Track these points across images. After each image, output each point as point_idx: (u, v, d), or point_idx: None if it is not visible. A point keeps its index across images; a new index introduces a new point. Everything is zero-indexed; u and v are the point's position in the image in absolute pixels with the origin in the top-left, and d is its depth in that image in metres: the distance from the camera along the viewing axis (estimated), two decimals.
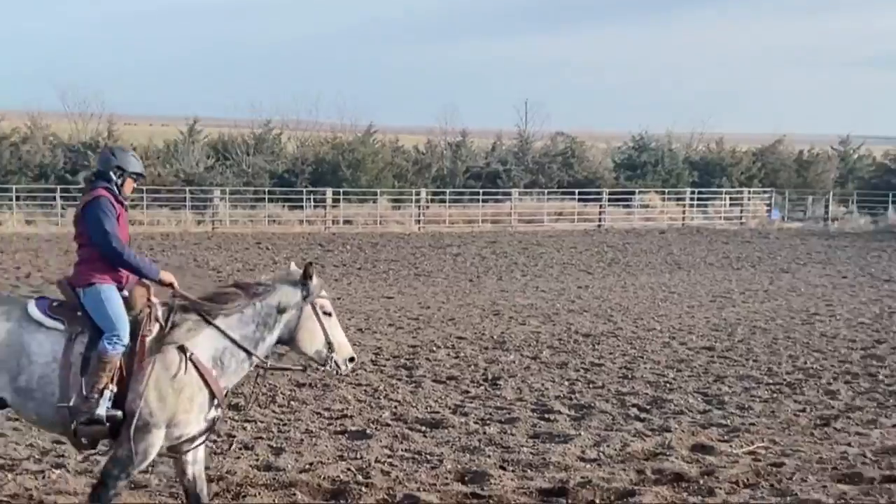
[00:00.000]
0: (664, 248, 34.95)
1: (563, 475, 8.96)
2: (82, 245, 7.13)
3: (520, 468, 9.23)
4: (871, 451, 9.78)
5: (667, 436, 10.36)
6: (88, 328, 6.87)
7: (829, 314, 19.49)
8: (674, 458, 9.51)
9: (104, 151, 7.43)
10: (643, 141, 51.18)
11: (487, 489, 8.55)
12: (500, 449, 9.86)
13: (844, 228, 42.62)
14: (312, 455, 9.52)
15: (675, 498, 8.38)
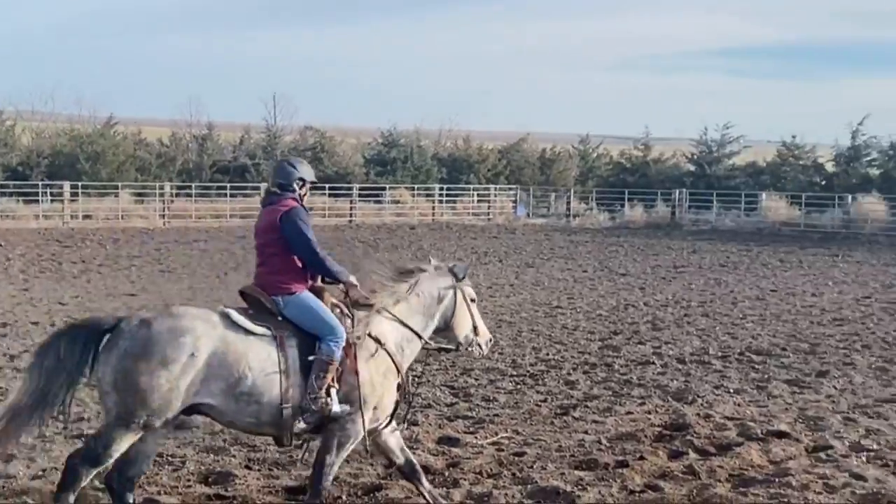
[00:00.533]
0: (415, 243, 35.41)
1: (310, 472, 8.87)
2: (275, 254, 7.49)
3: (266, 467, 9.09)
4: (607, 438, 10.20)
5: (414, 429, 10.44)
6: (294, 333, 7.31)
7: (571, 307, 20.22)
8: (420, 451, 9.60)
9: (283, 164, 7.79)
10: (392, 137, 51.67)
11: (232, 489, 8.38)
12: (245, 448, 9.67)
13: (585, 224, 44.40)
14: (46, 461, 9.05)
15: (422, 490, 8.45)
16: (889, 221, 40.62)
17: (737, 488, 8.56)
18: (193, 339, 6.92)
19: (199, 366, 6.92)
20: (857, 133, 45.91)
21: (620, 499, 8.30)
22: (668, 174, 49.68)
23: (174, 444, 9.72)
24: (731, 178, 48.31)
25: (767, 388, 12.76)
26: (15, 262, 26.64)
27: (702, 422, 10.89)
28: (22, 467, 8.80)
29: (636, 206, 45.83)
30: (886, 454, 9.68)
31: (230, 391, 7.03)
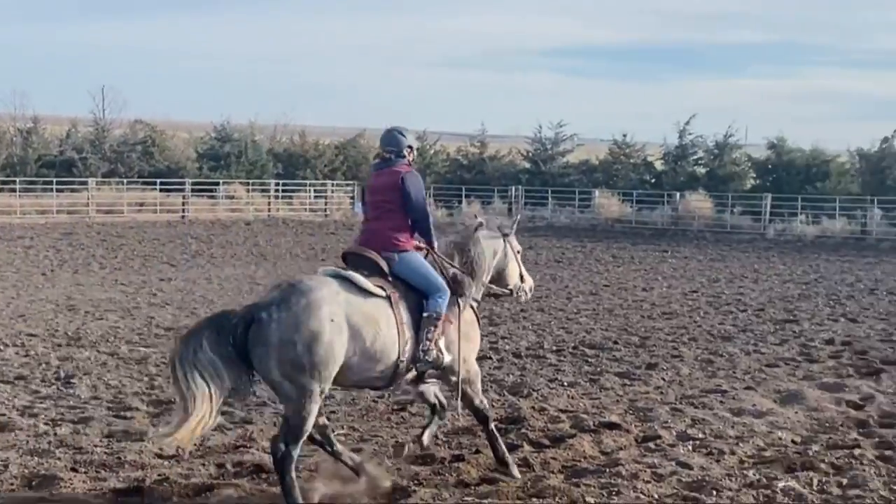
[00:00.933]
0: (250, 239, 34.94)
1: (140, 474, 8.64)
2: (392, 211, 8.16)
3: (93, 469, 8.79)
4: (443, 433, 10.23)
5: (248, 428, 10.28)
6: (405, 292, 7.97)
7: None
8: (255, 450, 9.45)
9: (393, 133, 8.42)
10: (226, 131, 50.84)
11: (57, 493, 8.07)
12: (71, 450, 9.34)
13: None
14: None
15: (255, 489, 8.33)
16: (715, 218, 42.08)
17: (569, 479, 8.70)
18: (329, 308, 7.46)
19: (341, 329, 7.50)
20: (684, 133, 47.39)
21: (456, 492, 8.32)
22: (505, 171, 50.32)
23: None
24: (565, 175, 49.25)
25: (600, 381, 13.02)
26: None
27: (536, 415, 11.04)
28: None
29: (473, 202, 46.25)
30: (711, 443, 9.99)
31: (365, 350, 7.67)
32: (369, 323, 7.65)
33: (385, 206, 8.20)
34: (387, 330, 7.75)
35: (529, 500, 8.19)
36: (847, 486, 8.60)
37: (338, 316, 7.47)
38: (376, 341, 7.69)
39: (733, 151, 46.95)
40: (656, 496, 8.27)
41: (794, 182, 43.52)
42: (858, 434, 10.42)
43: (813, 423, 10.88)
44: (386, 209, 8.19)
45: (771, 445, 9.95)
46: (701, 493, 8.34)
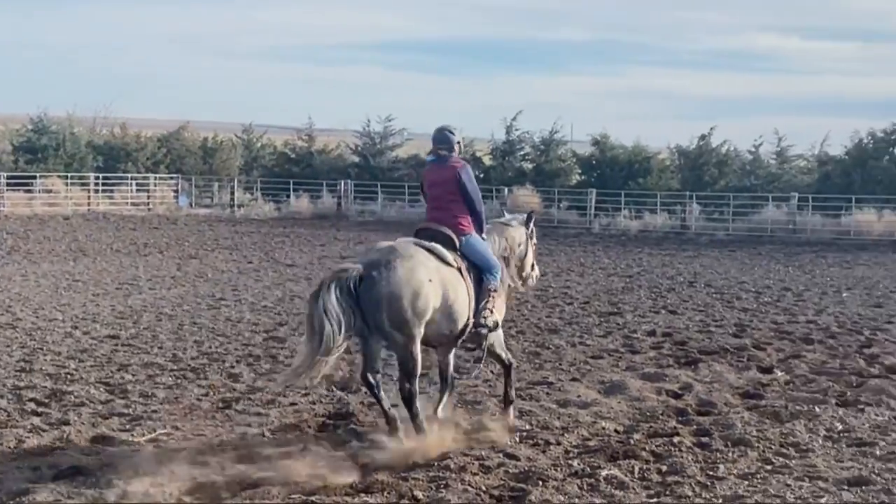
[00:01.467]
0: (69, 234, 33.80)
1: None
2: (454, 201, 9.75)
3: None
4: (270, 430, 10.08)
5: (65, 429, 9.91)
6: (468, 266, 9.57)
7: (235, 299, 19.91)
8: (72, 452, 9.11)
9: (444, 132, 9.89)
10: (43, 124, 48.98)
11: None
12: None
13: (250, 215, 43.96)
14: None
15: (72, 492, 8.03)
16: (542, 213, 42.78)
17: (398, 474, 8.67)
18: (426, 271, 9.07)
19: (435, 289, 9.11)
20: (511, 128, 48.05)
21: (284, 490, 8.20)
22: (334, 165, 50.03)
23: None
24: (394, 169, 49.32)
25: (430, 375, 13.05)
26: None
27: (365, 410, 10.98)
28: None
29: (302, 196, 45.87)
30: (537, 434, 10.12)
31: (445, 309, 9.24)
32: (451, 288, 9.26)
33: (447, 196, 9.76)
34: (463, 296, 9.39)
35: (358, 496, 8.14)
36: (666, 473, 8.85)
37: (433, 278, 9.10)
38: (455, 304, 9.31)
39: (559, 147, 47.86)
40: (484, 488, 8.33)
41: (617, 178, 44.65)
42: (677, 422, 10.73)
43: (635, 413, 11.15)
44: (447, 199, 9.76)
45: (595, 435, 10.16)
46: (527, 484, 8.44)
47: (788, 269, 28.07)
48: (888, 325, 17.69)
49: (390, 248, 9.20)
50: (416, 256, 9.09)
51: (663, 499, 8.20)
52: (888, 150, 41.92)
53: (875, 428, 10.58)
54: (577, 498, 8.19)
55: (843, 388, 12.51)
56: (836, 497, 8.24)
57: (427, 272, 9.03)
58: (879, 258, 30.92)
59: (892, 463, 9.24)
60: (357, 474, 8.64)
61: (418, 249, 9.20)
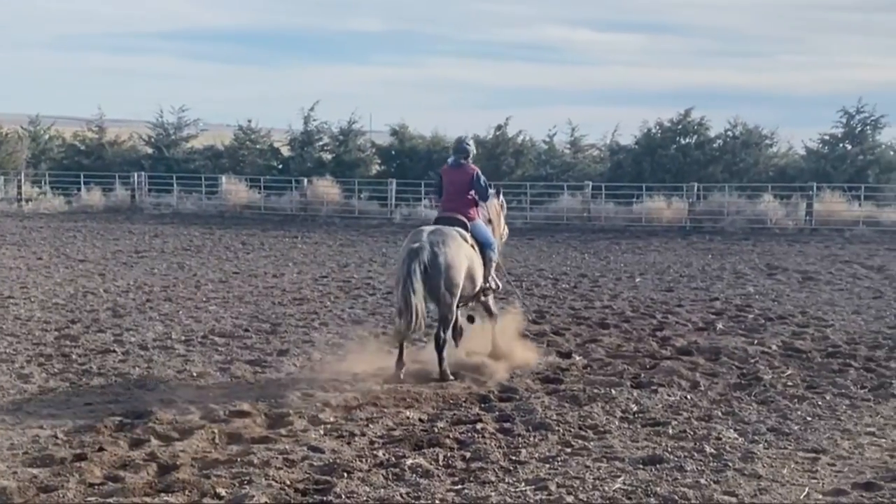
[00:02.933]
0: None
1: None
2: (466, 196, 12.90)
3: None
4: (63, 432, 9.70)
5: None
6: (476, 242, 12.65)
7: (25, 296, 19.07)
8: None
9: (463, 144, 13.16)
10: None
11: None
12: None
13: (39, 209, 42.22)
14: None
15: None
16: (343, 204, 42.70)
17: (200, 471, 8.49)
18: (466, 248, 12.36)
19: (471, 262, 12.37)
20: (309, 119, 47.62)
21: (79, 493, 7.90)
22: (126, 157, 48.51)
23: None
24: (190, 161, 48.19)
25: (230, 370, 12.84)
26: None
27: (164, 408, 10.70)
28: None
29: (94, 189, 44.32)
30: (342, 425, 10.10)
31: (471, 276, 12.44)
32: (474, 261, 12.44)
33: (462, 192, 12.88)
34: (478, 265, 12.58)
35: (157, 496, 7.92)
36: (470, 459, 8.97)
37: (469, 253, 12.35)
38: (476, 272, 12.51)
39: (358, 138, 47.77)
40: (288, 482, 8.24)
41: (416, 168, 44.89)
42: (480, 409, 10.89)
43: (439, 401, 11.26)
44: (462, 194, 12.88)
45: (400, 425, 10.20)
46: (332, 476, 8.40)
47: (584, 255, 28.89)
48: (678, 308, 18.42)
49: (437, 230, 12.20)
50: (456, 237, 12.21)
51: (468, 485, 8.30)
52: (675, 140, 43.60)
53: (668, 408, 11.01)
54: (383, 488, 8.20)
55: (637, 370, 12.96)
56: (632, 476, 8.52)
57: (466, 249, 12.29)
58: (669, 244, 32.17)
59: (684, 441, 9.63)
60: (155, 473, 8.41)
61: (453, 231, 12.23)
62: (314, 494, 8.05)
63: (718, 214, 37.61)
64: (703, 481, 8.40)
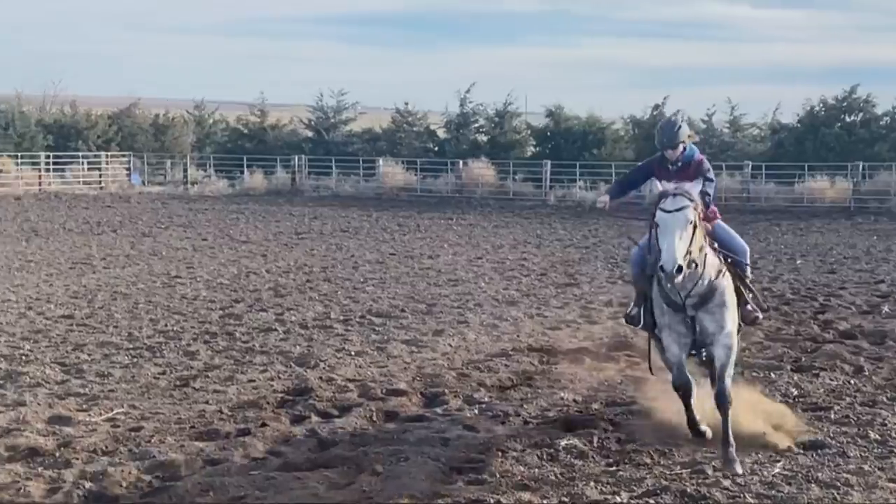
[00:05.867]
0: (20, 214, 33.37)
1: None
2: None
3: None
4: (228, 407, 10.04)
5: (21, 410, 9.81)
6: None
7: (191, 276, 19.76)
8: (29, 433, 9.03)
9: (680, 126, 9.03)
10: None
11: None
12: None
13: (204, 192, 43.60)
14: None
15: (30, 473, 7.97)
16: (497, 185, 42.82)
17: (358, 448, 8.68)
18: None
19: None
20: (465, 101, 47.89)
21: (243, 467, 8.17)
22: (287, 140, 49.67)
23: None
24: (349, 144, 49.05)
25: (387, 349, 13.06)
26: None
27: (324, 385, 10.97)
28: None
29: (256, 172, 45.51)
30: (497, 405, 10.16)
31: None
32: None
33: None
34: None
35: (318, 471, 8.13)
36: (625, 441, 8.91)
37: None
38: None
39: (513, 119, 47.79)
40: (443, 460, 8.35)
41: (571, 149, 44.68)
42: (634, 391, 10.81)
43: (593, 382, 11.22)
44: None
45: (554, 406, 10.22)
46: (487, 455, 8.48)
47: (743, 237, 28.25)
48: (841, 291, 17.89)
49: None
50: None
51: (622, 467, 8.26)
52: (839, 118, 42.27)
53: (830, 392, 10.72)
54: (537, 468, 8.23)
55: (798, 353, 12.66)
56: (792, 461, 8.35)
57: None
58: (832, 225, 31.24)
59: (847, 426, 9.36)
60: (317, 449, 8.63)
61: None
62: (469, 473, 8.14)
63: (885, 194, 36.30)
64: (867, 468, 8.17)
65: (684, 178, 8.72)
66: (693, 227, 8.09)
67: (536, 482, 7.89)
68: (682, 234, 8.00)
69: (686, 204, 8.16)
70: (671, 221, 8.07)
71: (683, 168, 8.95)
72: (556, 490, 7.72)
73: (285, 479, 7.86)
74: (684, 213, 8.08)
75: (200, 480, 7.81)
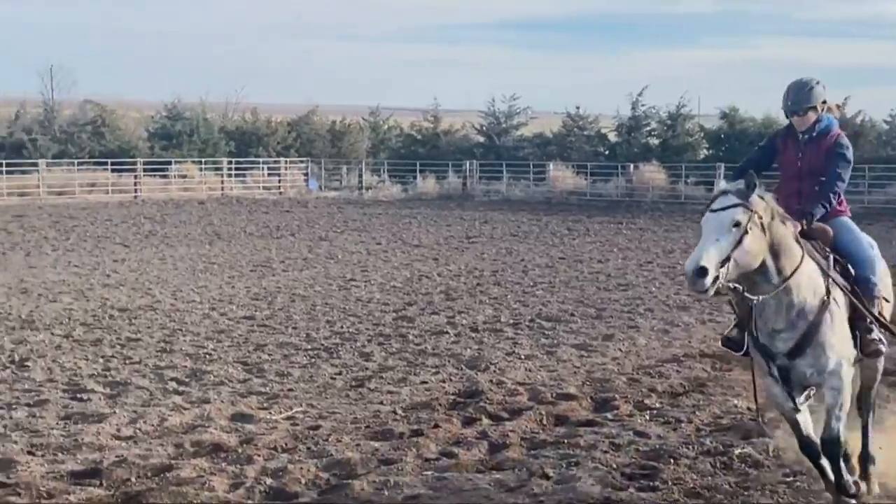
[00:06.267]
0: (204, 218, 34.69)
1: (97, 455, 8.58)
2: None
3: (50, 452, 8.72)
4: (401, 408, 10.24)
5: (206, 407, 10.23)
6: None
7: (365, 279, 20.21)
8: (213, 430, 9.41)
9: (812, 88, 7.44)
10: (177, 110, 50.35)
11: (14, 476, 8.00)
12: (28, 433, 9.26)
13: (378, 197, 44.45)
14: None
15: (214, 468, 8.30)
16: (669, 189, 42.30)
17: (528, 451, 8.74)
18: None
19: None
20: (636, 104, 47.47)
21: (416, 467, 8.34)
22: (459, 145, 50.22)
23: None
24: (519, 148, 49.25)
25: (557, 353, 13.08)
26: None
27: (494, 388, 11.07)
28: None
29: (428, 177, 46.17)
30: (668, 411, 10.08)
31: None
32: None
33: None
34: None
35: (489, 473, 8.23)
36: None
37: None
38: None
39: (686, 122, 47.13)
40: (614, 466, 8.34)
41: (746, 151, 43.65)
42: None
43: None
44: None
45: (727, 413, 10.06)
46: (658, 462, 8.42)
47: None
48: None
49: None
50: None
51: (799, 477, 8.08)
52: None
53: None
54: (710, 476, 8.14)
55: None
56: None
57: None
58: None
59: None
60: (486, 451, 8.74)
61: None
62: (640, 479, 8.10)
63: None
64: None
65: (817, 154, 7.31)
66: (743, 231, 6.50)
67: (710, 490, 7.80)
68: (723, 237, 6.47)
69: (734, 202, 6.59)
70: (712, 221, 6.61)
71: (817, 140, 7.38)
72: (730, 499, 7.63)
73: (457, 480, 7.99)
74: (730, 214, 6.56)
75: (375, 479, 8.01)
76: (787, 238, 6.76)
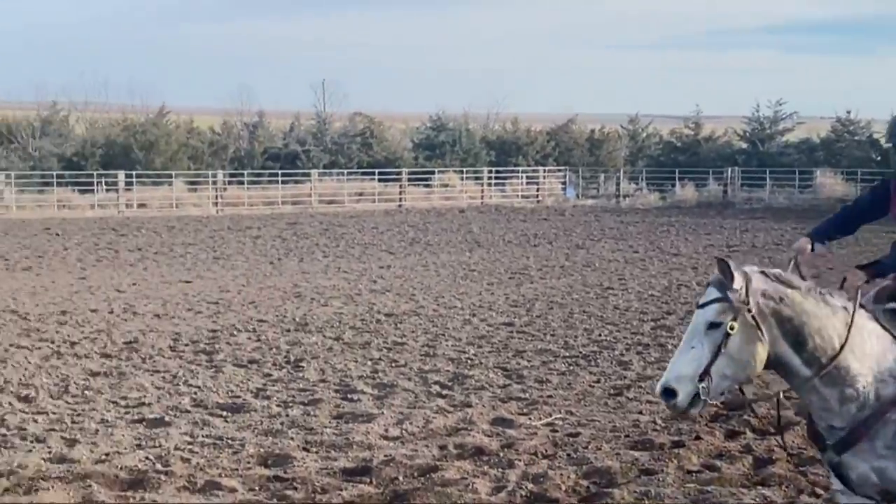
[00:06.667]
0: (464, 226, 35.42)
1: (367, 454, 8.97)
2: None
3: (323, 449, 9.18)
4: (661, 419, 10.17)
5: (468, 411, 10.49)
6: None
7: (622, 288, 20.13)
8: (475, 433, 9.64)
9: None
10: (440, 121, 51.71)
11: (290, 471, 8.48)
12: (303, 431, 9.78)
13: (635, 205, 44.13)
14: (108, 445, 9.21)
15: (477, 471, 8.51)
16: None
17: (796, 467, 8.50)
18: None
19: None
20: None
21: (677, 478, 8.28)
22: (720, 152, 49.22)
23: (234, 428, 9.86)
24: (784, 155, 47.79)
25: None
26: (72, 252, 26.99)
27: (759, 401, 10.81)
28: (86, 452, 8.95)
29: (687, 185, 45.46)
30: None
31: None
32: None
33: None
34: None
35: (754, 488, 8.07)
36: None
37: None
38: None
39: None
40: None
41: None
42: None
43: None
44: None
45: None
46: None
47: None
48: None
49: None
50: None
51: None
52: None
53: None
54: None
55: None
56: None
57: None
58: None
59: None
60: (752, 466, 8.57)
61: None
62: None
63: None
64: None
65: None
66: (724, 333, 4.97)
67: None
68: (699, 344, 5.03)
69: (714, 297, 5.06)
70: (692, 322, 5.17)
71: None
72: None
73: (721, 494, 7.88)
74: (704, 314, 5.07)
75: (636, 489, 8.01)
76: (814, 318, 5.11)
